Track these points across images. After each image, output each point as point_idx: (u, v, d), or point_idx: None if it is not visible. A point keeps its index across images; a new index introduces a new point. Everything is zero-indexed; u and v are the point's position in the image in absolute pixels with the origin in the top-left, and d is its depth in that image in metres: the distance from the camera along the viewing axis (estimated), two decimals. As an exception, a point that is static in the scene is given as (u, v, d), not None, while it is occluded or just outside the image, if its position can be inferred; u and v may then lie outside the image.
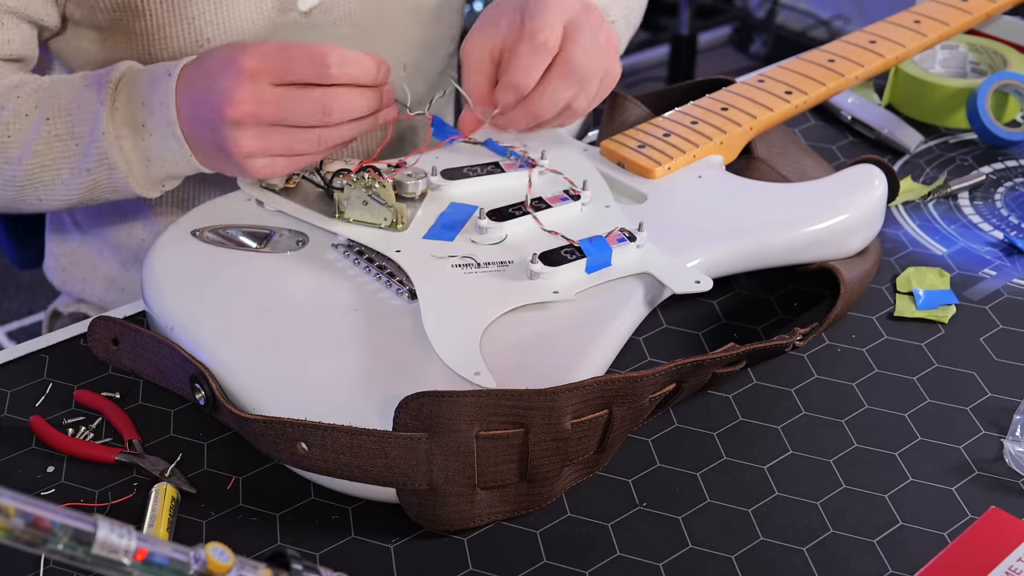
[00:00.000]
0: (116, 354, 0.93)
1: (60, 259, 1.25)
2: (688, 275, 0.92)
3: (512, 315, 0.89)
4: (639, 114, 1.15)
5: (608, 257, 0.92)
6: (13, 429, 0.90)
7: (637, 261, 0.93)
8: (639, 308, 0.93)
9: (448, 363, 0.83)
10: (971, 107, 1.23)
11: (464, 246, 0.94)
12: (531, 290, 0.90)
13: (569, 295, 0.90)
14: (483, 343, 0.86)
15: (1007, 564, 0.79)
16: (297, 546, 0.81)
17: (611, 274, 0.93)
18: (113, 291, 1.20)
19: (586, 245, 0.93)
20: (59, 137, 0.98)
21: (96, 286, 1.22)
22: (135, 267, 1.18)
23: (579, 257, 0.92)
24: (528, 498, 0.83)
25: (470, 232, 0.96)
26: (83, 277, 1.23)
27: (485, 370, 0.82)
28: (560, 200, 0.98)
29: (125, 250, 1.19)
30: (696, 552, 0.82)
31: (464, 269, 0.92)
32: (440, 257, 0.93)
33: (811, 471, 0.88)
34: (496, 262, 0.93)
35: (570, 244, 0.93)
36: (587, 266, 0.92)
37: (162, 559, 0.57)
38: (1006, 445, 0.89)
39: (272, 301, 0.92)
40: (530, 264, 0.91)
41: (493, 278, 0.91)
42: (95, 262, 1.21)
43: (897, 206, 1.15)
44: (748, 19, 3.54)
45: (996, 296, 1.04)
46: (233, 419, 0.84)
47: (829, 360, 0.97)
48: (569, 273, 0.91)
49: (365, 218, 0.96)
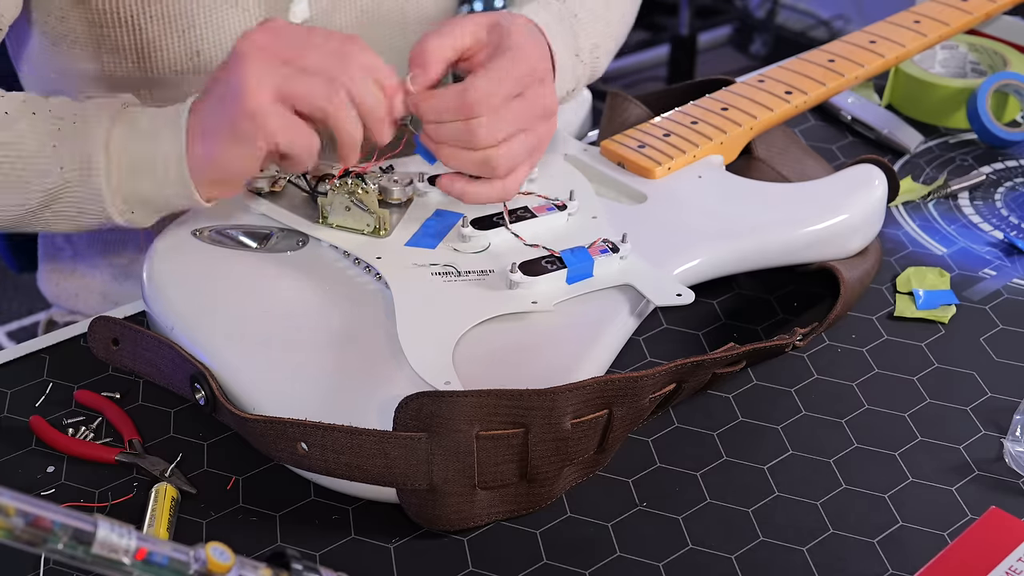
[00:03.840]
0: (116, 354, 0.93)
1: (53, 273, 1.24)
2: (671, 287, 0.92)
3: (504, 323, 0.89)
4: (639, 114, 1.15)
5: (589, 268, 0.92)
6: (13, 429, 0.90)
7: (619, 272, 0.93)
8: (631, 316, 0.92)
9: (418, 371, 0.83)
10: (971, 107, 1.23)
11: (446, 254, 0.94)
12: (510, 300, 0.90)
13: (548, 306, 0.90)
14: (475, 349, 0.85)
15: (1007, 564, 0.79)
16: (297, 546, 0.81)
17: (593, 285, 0.92)
18: (107, 305, 1.20)
19: (567, 256, 0.92)
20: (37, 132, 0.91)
21: (89, 300, 1.22)
22: (128, 281, 1.18)
23: (560, 267, 0.92)
24: (528, 498, 0.83)
25: (453, 240, 0.95)
26: (76, 292, 1.23)
27: (456, 379, 0.82)
28: (546, 210, 0.97)
29: (117, 264, 1.18)
30: (696, 552, 0.82)
31: (444, 277, 0.92)
32: (421, 265, 0.93)
33: (811, 471, 0.88)
34: (476, 271, 0.92)
35: (551, 254, 0.93)
36: (568, 277, 0.92)
37: (162, 559, 0.57)
38: (1006, 445, 0.89)
39: (272, 301, 0.92)
40: (510, 274, 0.90)
41: (472, 287, 0.91)
42: (88, 276, 1.21)
43: (897, 206, 1.15)
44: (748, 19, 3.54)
45: (996, 296, 1.04)
46: (233, 419, 0.84)
47: (829, 360, 0.97)
48: (549, 283, 0.91)
49: (348, 224, 0.96)
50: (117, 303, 1.17)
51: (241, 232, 0.97)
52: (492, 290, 0.91)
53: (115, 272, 1.19)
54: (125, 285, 1.19)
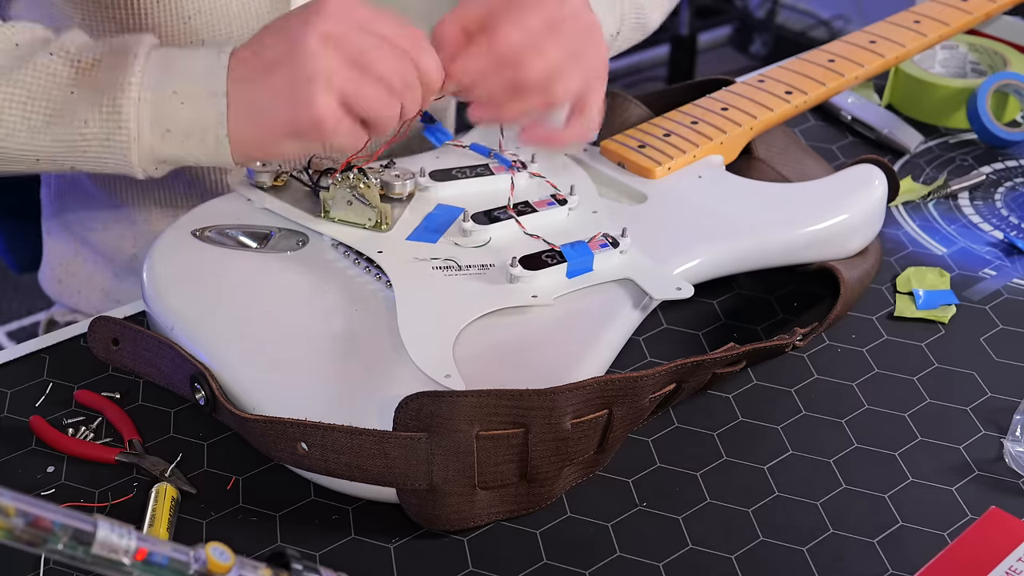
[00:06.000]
0: (116, 354, 0.93)
1: (56, 270, 1.24)
2: (670, 282, 0.92)
3: (505, 318, 0.89)
4: (639, 114, 1.15)
5: (589, 263, 0.92)
6: (13, 429, 0.90)
7: (619, 267, 0.93)
8: (634, 312, 0.92)
9: (419, 365, 0.83)
10: (971, 107, 1.23)
11: (447, 248, 0.94)
12: (510, 294, 0.90)
13: (548, 300, 0.90)
14: (476, 346, 0.86)
15: (1007, 564, 0.79)
16: (297, 546, 0.81)
17: (593, 279, 0.92)
18: (108, 303, 1.20)
19: (567, 250, 0.92)
20: (55, 76, 0.89)
21: (91, 297, 1.22)
22: (129, 278, 1.18)
23: (560, 262, 0.92)
24: (528, 498, 0.83)
25: (454, 234, 0.95)
26: (79, 289, 1.23)
27: (456, 373, 0.82)
28: (547, 204, 0.98)
29: (119, 261, 1.18)
30: (696, 552, 0.82)
31: (445, 271, 0.92)
32: (422, 259, 0.93)
33: (811, 471, 0.88)
34: (477, 265, 0.93)
35: (551, 248, 0.93)
36: (568, 271, 0.92)
37: (162, 559, 0.57)
38: (1006, 445, 0.89)
39: (272, 301, 0.92)
40: (510, 268, 0.91)
41: (473, 281, 0.91)
42: (90, 273, 1.21)
43: (897, 206, 1.15)
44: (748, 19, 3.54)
45: (996, 296, 1.04)
46: (233, 419, 0.84)
47: (829, 360, 0.98)
48: (549, 277, 0.91)
49: (350, 218, 0.96)
50: (119, 301, 1.17)
51: (241, 232, 0.97)
52: (493, 284, 0.91)
53: (116, 269, 1.19)
54: (127, 282, 1.19)
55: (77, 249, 1.22)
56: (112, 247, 1.18)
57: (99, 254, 1.20)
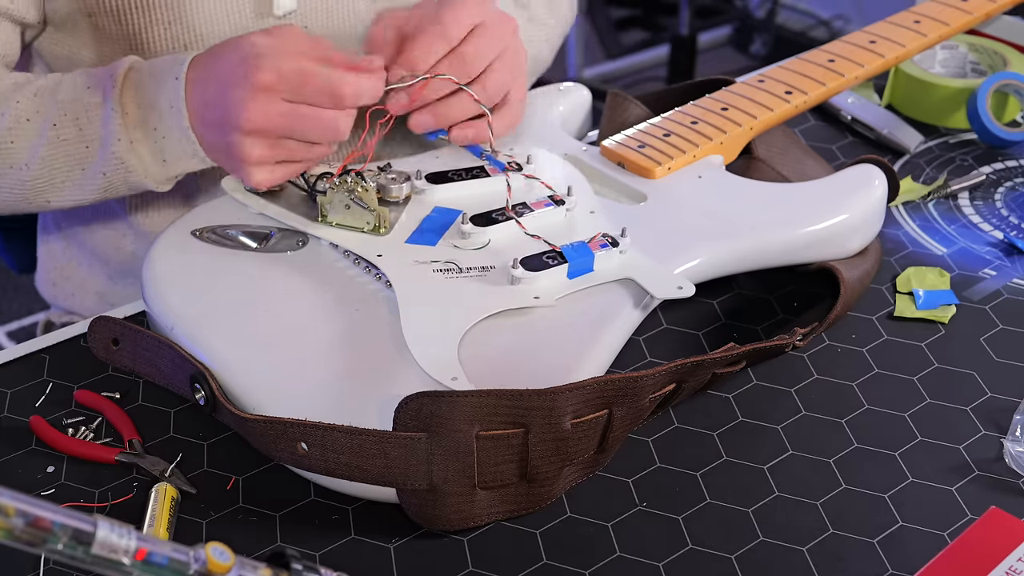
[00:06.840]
0: (116, 354, 0.93)
1: (51, 273, 1.24)
2: (671, 281, 0.92)
3: (505, 319, 0.89)
4: (639, 114, 1.15)
5: (590, 263, 0.92)
6: (13, 429, 0.90)
7: (620, 267, 0.93)
8: (634, 312, 0.93)
9: (425, 368, 0.83)
10: (971, 107, 1.23)
11: (446, 251, 0.94)
12: (512, 295, 0.90)
13: (550, 300, 0.90)
14: (477, 346, 0.86)
15: (1007, 564, 0.79)
16: (297, 546, 0.81)
17: (593, 280, 0.92)
18: (103, 305, 1.20)
19: (568, 251, 0.92)
20: (68, 142, 0.98)
21: (86, 300, 1.22)
22: (124, 281, 1.18)
23: (561, 263, 0.92)
24: (528, 498, 0.83)
25: (453, 237, 0.95)
26: (73, 292, 1.23)
27: (462, 375, 0.82)
28: (544, 205, 0.98)
29: (114, 264, 1.18)
30: (696, 552, 0.82)
31: (445, 274, 0.92)
32: (422, 262, 0.93)
33: (811, 471, 0.88)
34: (478, 267, 0.93)
35: (552, 249, 0.93)
36: (569, 272, 0.92)
37: (162, 559, 0.57)
38: (1006, 445, 0.89)
39: (272, 301, 0.92)
40: (511, 269, 0.91)
41: (474, 283, 0.91)
42: (84, 276, 1.21)
43: (897, 206, 1.15)
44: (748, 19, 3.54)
45: (996, 296, 1.04)
46: (233, 419, 0.84)
47: (829, 360, 0.97)
48: (551, 278, 0.91)
49: (347, 222, 0.96)
50: (114, 304, 1.17)
51: (241, 232, 0.97)
52: (494, 286, 0.91)
53: (111, 272, 1.19)
54: (121, 285, 1.19)
55: (71, 252, 1.22)
56: (108, 247, 1.18)
57: (94, 257, 1.20)
